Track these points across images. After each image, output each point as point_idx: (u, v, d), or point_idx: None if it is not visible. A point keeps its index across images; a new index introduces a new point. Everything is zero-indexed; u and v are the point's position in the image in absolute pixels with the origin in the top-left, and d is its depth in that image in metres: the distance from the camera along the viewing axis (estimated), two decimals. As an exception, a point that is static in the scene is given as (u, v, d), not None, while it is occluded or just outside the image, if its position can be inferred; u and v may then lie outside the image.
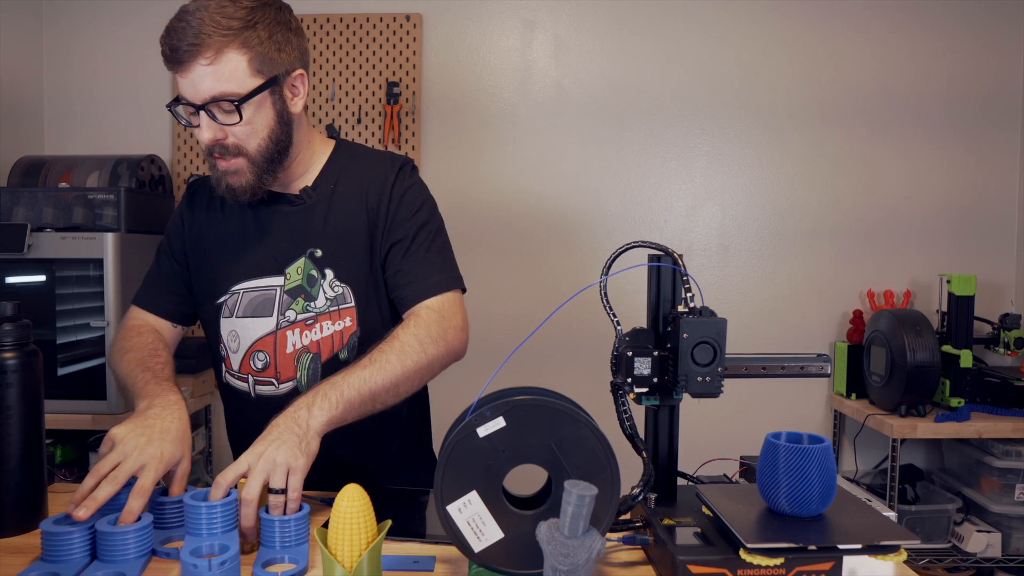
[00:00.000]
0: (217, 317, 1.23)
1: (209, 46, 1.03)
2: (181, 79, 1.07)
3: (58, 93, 2.62)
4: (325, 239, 1.19)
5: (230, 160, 1.11)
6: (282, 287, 1.19)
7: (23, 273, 2.10)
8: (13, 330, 0.98)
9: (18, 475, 0.97)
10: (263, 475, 0.92)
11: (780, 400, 2.55)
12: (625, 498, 0.87)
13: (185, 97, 1.08)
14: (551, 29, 2.56)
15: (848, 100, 2.53)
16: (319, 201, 1.20)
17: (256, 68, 1.07)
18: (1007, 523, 2.19)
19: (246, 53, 1.05)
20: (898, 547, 0.78)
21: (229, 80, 1.05)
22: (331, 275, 1.19)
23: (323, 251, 1.19)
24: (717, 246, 2.58)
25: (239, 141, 1.09)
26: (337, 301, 1.19)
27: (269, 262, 1.20)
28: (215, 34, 1.03)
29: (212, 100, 1.05)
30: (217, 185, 1.14)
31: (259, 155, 1.11)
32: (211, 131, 1.08)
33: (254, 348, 1.21)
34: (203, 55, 1.03)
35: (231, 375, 1.24)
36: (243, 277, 1.21)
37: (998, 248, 2.54)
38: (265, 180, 1.14)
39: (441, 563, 0.90)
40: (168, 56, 1.06)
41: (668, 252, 0.93)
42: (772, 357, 0.93)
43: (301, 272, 1.19)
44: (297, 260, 1.19)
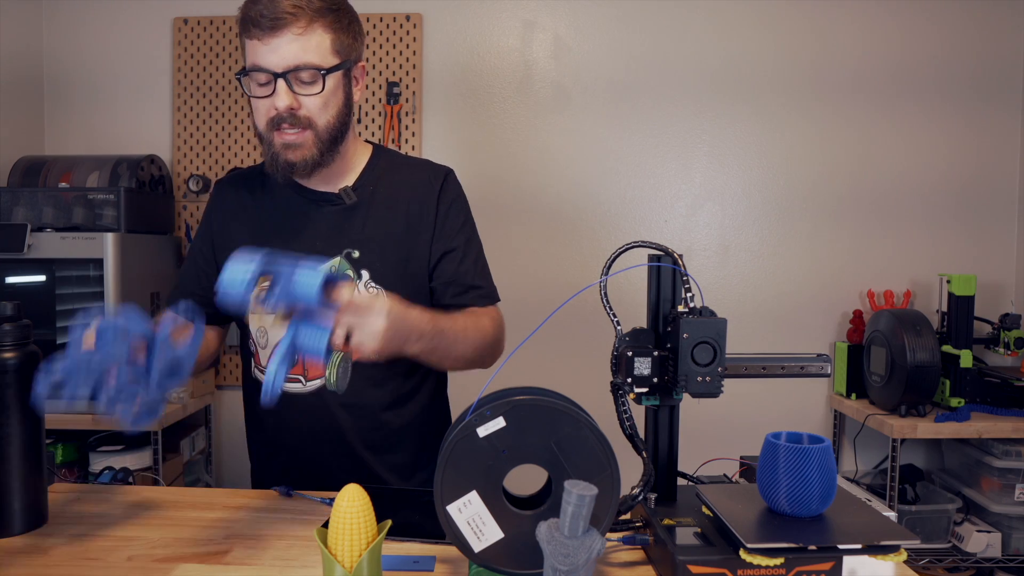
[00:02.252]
0: (247, 313, 1.23)
1: (301, 18, 1.08)
2: (263, 46, 1.09)
3: (58, 93, 2.62)
4: (363, 241, 1.20)
5: (298, 132, 1.12)
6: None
7: (23, 273, 2.10)
8: (13, 330, 0.98)
9: (18, 475, 0.97)
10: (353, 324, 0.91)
11: (780, 400, 2.55)
12: (625, 498, 0.87)
13: (263, 65, 1.09)
14: (551, 29, 2.56)
15: (849, 88, 2.53)
16: (359, 203, 1.22)
17: (336, 48, 1.12)
18: (1007, 523, 2.19)
19: (330, 33, 1.11)
20: (898, 547, 0.78)
21: (314, 53, 1.10)
22: (367, 276, 1.20)
23: (360, 252, 1.20)
24: (717, 246, 2.58)
25: (310, 113, 1.12)
26: None
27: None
28: (307, 8, 1.08)
29: (295, 68, 1.09)
30: (272, 163, 1.15)
31: (325, 131, 1.14)
32: (288, 98, 1.10)
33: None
34: (296, 25, 1.08)
35: (259, 370, 1.25)
36: None
37: (998, 244, 2.54)
38: (324, 159, 1.16)
39: (441, 563, 0.90)
40: (255, 22, 1.08)
41: (668, 252, 0.93)
42: (772, 357, 0.93)
43: (336, 271, 1.20)
44: (332, 259, 1.20)
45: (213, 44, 2.56)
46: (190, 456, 2.41)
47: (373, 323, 0.93)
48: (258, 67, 1.10)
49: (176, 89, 2.58)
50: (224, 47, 2.56)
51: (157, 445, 2.13)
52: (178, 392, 2.26)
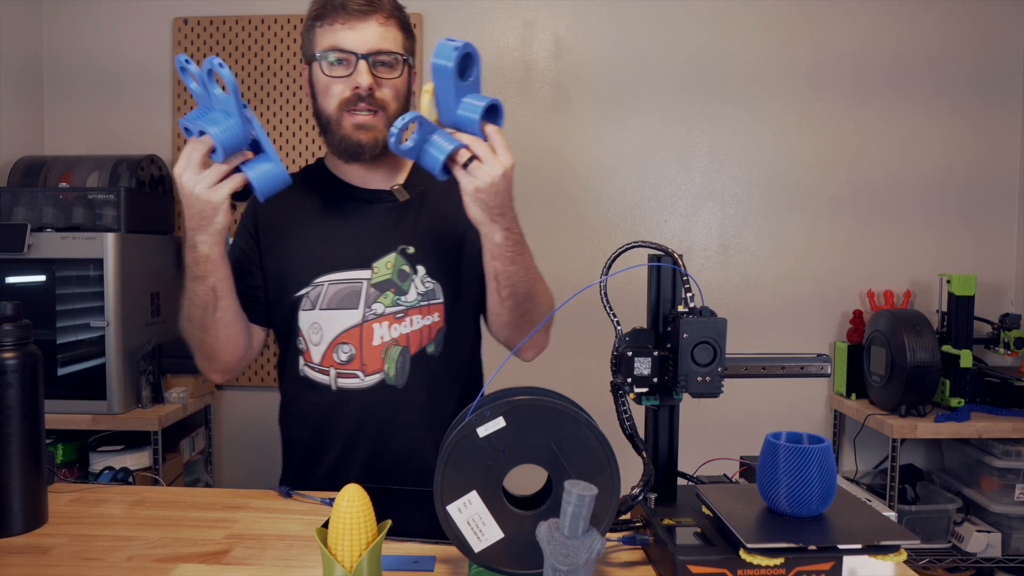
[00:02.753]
0: (296, 310, 1.23)
1: (383, 11, 1.17)
2: (346, 29, 1.14)
3: (58, 93, 2.62)
4: (418, 237, 1.23)
5: (371, 114, 1.17)
6: (369, 280, 1.21)
7: (23, 273, 2.10)
8: (13, 330, 0.98)
9: (18, 475, 0.97)
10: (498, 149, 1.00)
11: (780, 400, 2.55)
12: (625, 498, 0.87)
13: (346, 46, 1.15)
14: (551, 29, 2.56)
15: (847, 87, 2.53)
16: (411, 201, 1.25)
17: (404, 47, 1.21)
18: (1007, 523, 2.19)
19: (402, 33, 1.20)
20: (898, 547, 0.78)
21: (393, 43, 1.18)
22: (423, 271, 1.22)
23: (415, 248, 1.23)
24: (717, 246, 2.58)
25: (384, 97, 1.18)
26: (428, 296, 1.23)
27: (354, 256, 1.22)
28: (389, 4, 1.18)
29: (378, 52, 1.15)
30: (342, 143, 1.19)
31: (393, 116, 1.18)
32: (369, 78, 1.15)
33: (338, 340, 1.21)
34: (379, 15, 1.16)
35: (311, 367, 1.24)
36: (327, 270, 1.22)
37: (998, 243, 2.54)
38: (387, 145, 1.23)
39: (441, 563, 0.90)
40: (342, 6, 1.14)
41: (668, 252, 0.93)
42: (772, 357, 0.93)
43: (391, 267, 1.22)
44: (386, 255, 1.22)
45: (213, 44, 2.56)
46: (190, 456, 2.41)
47: (498, 163, 1.00)
48: (339, 48, 1.15)
49: (176, 89, 2.58)
50: (224, 47, 2.56)
51: (157, 445, 2.13)
52: (178, 392, 2.26)
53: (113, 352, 2.09)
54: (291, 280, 1.23)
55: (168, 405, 2.23)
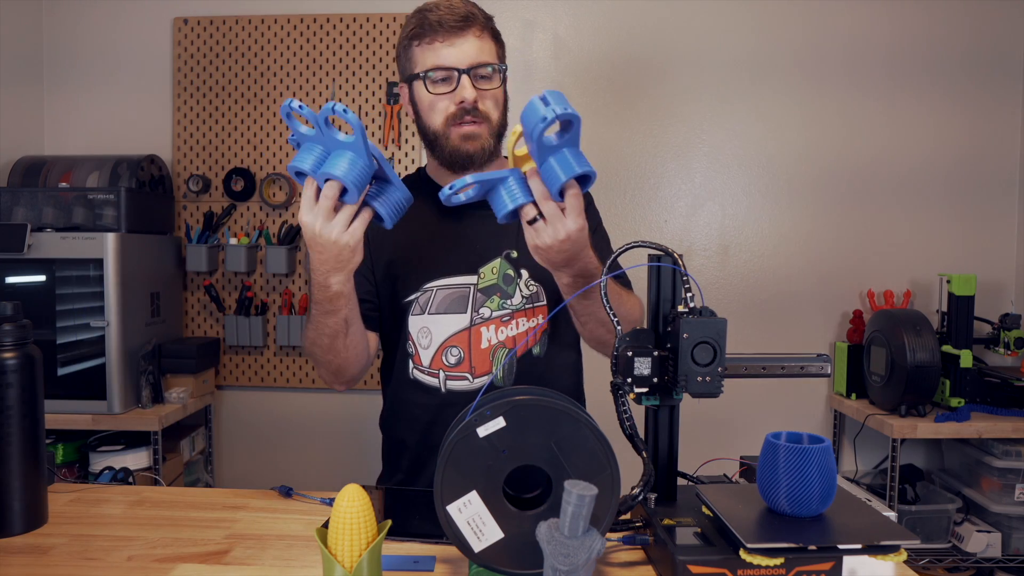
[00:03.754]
0: (405, 315, 1.27)
1: (477, 24, 1.20)
2: (445, 46, 1.18)
3: (58, 93, 2.62)
4: (520, 242, 1.24)
5: (476, 125, 1.21)
6: (475, 285, 1.25)
7: (23, 273, 2.10)
8: (13, 330, 0.98)
9: (18, 475, 0.97)
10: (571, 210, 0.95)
11: (780, 400, 2.55)
12: (625, 498, 0.87)
13: (446, 64, 1.18)
14: (551, 29, 2.56)
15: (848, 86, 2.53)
16: None
17: (499, 56, 1.26)
18: (1007, 523, 2.19)
19: (495, 43, 1.24)
20: (898, 547, 0.78)
21: (489, 54, 1.22)
22: (526, 275, 1.26)
23: (519, 252, 1.26)
24: (717, 246, 2.58)
25: (487, 108, 1.22)
26: (532, 299, 1.27)
27: (462, 262, 1.26)
28: (481, 16, 1.21)
29: (478, 65, 1.19)
30: (452, 155, 1.22)
31: (497, 126, 1.24)
32: (472, 91, 1.19)
33: (447, 344, 1.26)
34: (475, 29, 1.20)
35: (420, 370, 1.28)
36: (436, 276, 1.26)
37: (998, 243, 2.54)
38: (495, 151, 1.26)
39: (441, 563, 0.90)
40: (439, 24, 1.18)
41: (668, 252, 0.93)
42: (772, 357, 0.93)
43: (497, 272, 1.26)
44: (492, 260, 1.26)
45: (213, 44, 2.56)
46: (190, 456, 2.42)
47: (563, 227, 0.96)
48: (441, 66, 1.19)
49: (176, 89, 2.58)
50: (224, 47, 2.56)
51: (157, 445, 2.13)
52: (178, 392, 2.26)
53: (113, 352, 2.09)
54: (401, 286, 1.28)
55: (168, 405, 2.23)
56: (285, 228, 2.51)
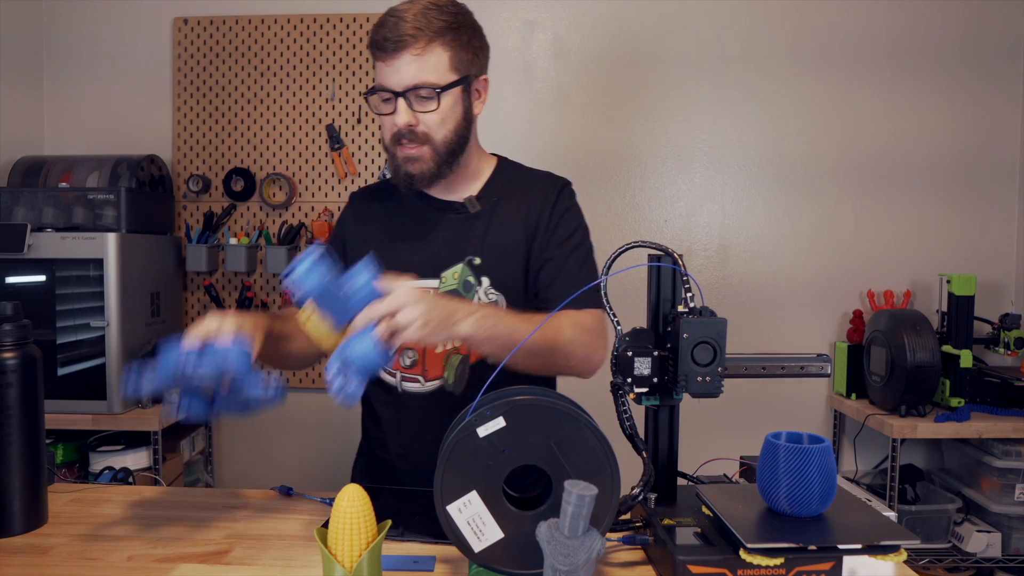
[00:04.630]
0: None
1: (420, 39, 1.14)
2: (385, 67, 1.16)
3: (58, 92, 2.61)
4: (484, 248, 1.24)
5: (416, 147, 1.19)
6: (436, 290, 1.24)
7: (23, 273, 2.10)
8: (13, 330, 0.98)
9: (18, 475, 0.97)
10: (396, 308, 0.93)
11: (780, 400, 2.55)
12: (625, 498, 0.87)
13: (386, 85, 1.16)
14: (551, 29, 2.56)
15: (849, 84, 2.53)
16: (482, 212, 1.27)
17: (454, 65, 1.17)
18: (1007, 523, 2.19)
19: (448, 51, 1.17)
20: (898, 547, 0.78)
21: (431, 72, 1.15)
22: (487, 283, 1.24)
23: (482, 259, 1.24)
24: (717, 246, 2.58)
25: (428, 130, 1.18)
26: None
27: (427, 265, 1.25)
28: (426, 29, 1.14)
29: (413, 87, 1.15)
30: (396, 175, 1.22)
31: (443, 145, 1.20)
32: (407, 116, 1.16)
33: (404, 345, 1.23)
34: (413, 47, 1.14)
35: (382, 369, 1.28)
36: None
37: (998, 243, 2.54)
38: (443, 171, 1.22)
39: (441, 563, 0.90)
40: (380, 46, 1.16)
41: (668, 252, 0.93)
42: (772, 357, 0.93)
43: (458, 277, 1.24)
44: (455, 265, 1.24)
45: (213, 44, 2.56)
46: (190, 456, 2.41)
47: (402, 303, 0.94)
48: (381, 87, 1.17)
49: (176, 89, 2.58)
50: (224, 47, 2.56)
51: (157, 445, 2.13)
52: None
53: (113, 352, 2.09)
54: None
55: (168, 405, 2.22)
56: (285, 228, 2.51)
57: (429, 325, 0.95)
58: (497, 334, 1.04)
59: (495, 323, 1.04)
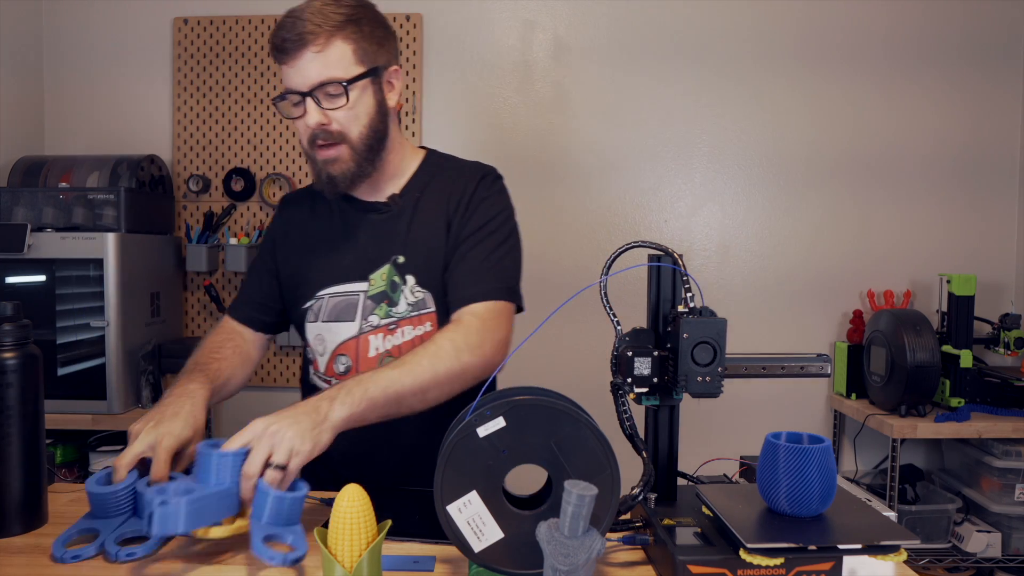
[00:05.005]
0: (304, 322, 1.29)
1: (318, 35, 1.11)
2: (289, 69, 1.13)
3: (58, 92, 2.61)
4: (408, 246, 1.22)
5: (332, 148, 1.16)
6: (365, 292, 1.23)
7: (23, 273, 2.10)
8: (13, 330, 0.98)
9: (18, 475, 0.97)
10: (267, 450, 0.91)
11: (780, 400, 2.55)
12: (625, 498, 0.87)
13: (292, 87, 1.14)
14: (551, 29, 2.56)
15: (850, 84, 2.53)
16: (405, 209, 1.24)
17: (359, 58, 1.15)
18: (1007, 523, 2.19)
19: (351, 44, 1.14)
20: (898, 547, 0.78)
21: (336, 67, 1.12)
22: (412, 281, 1.22)
23: (406, 257, 1.22)
24: (717, 246, 2.58)
25: (342, 127, 1.15)
26: (418, 306, 1.22)
27: (355, 268, 1.24)
28: (324, 25, 1.11)
29: (319, 85, 1.12)
30: (318, 179, 1.20)
31: (360, 142, 1.17)
32: (317, 115, 1.13)
33: (338, 351, 1.25)
34: (313, 44, 1.11)
35: (318, 377, 1.29)
36: (329, 283, 1.25)
37: (998, 243, 2.54)
38: (365, 169, 1.19)
39: (441, 563, 0.90)
40: (280, 47, 1.13)
41: (668, 252, 0.93)
42: (772, 357, 0.93)
43: (385, 278, 1.23)
44: (381, 266, 1.23)
45: (213, 44, 2.56)
46: (190, 456, 2.41)
47: (277, 445, 0.91)
48: (288, 90, 1.15)
49: (176, 89, 2.58)
50: (224, 47, 2.56)
51: (157, 445, 2.12)
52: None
53: (113, 352, 2.10)
54: (300, 293, 1.29)
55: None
56: (285, 228, 2.51)
57: (304, 438, 0.93)
58: (373, 397, 1.01)
59: (365, 389, 1.01)
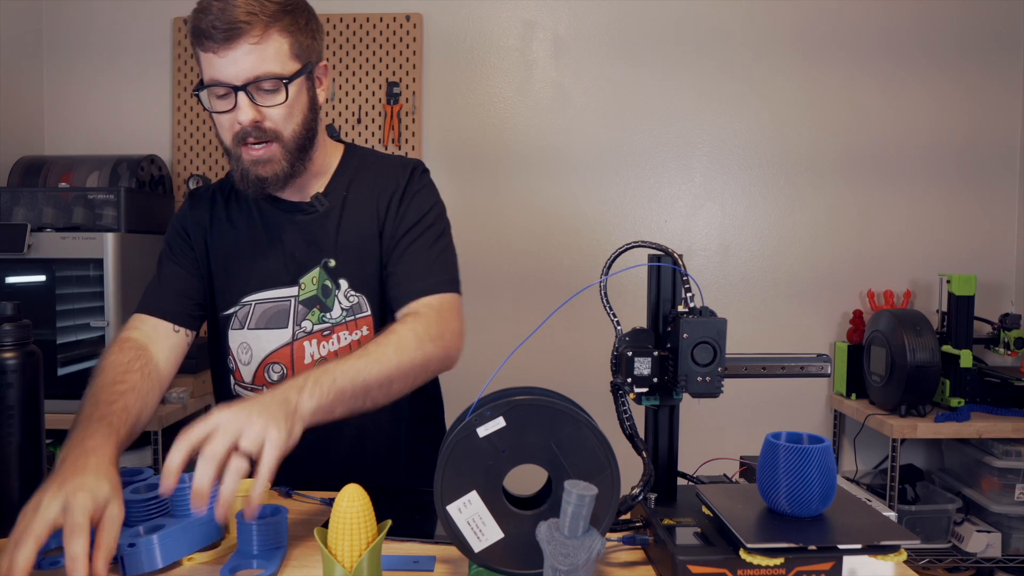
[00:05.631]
0: (225, 329, 1.21)
1: (256, 26, 1.02)
2: (219, 59, 1.03)
3: (58, 92, 2.62)
4: (338, 248, 1.17)
5: (263, 147, 1.08)
6: (296, 297, 1.17)
7: (23, 273, 2.10)
8: (13, 330, 0.98)
9: (18, 475, 0.97)
10: (233, 435, 0.80)
11: (780, 400, 2.55)
12: (625, 498, 0.87)
13: (222, 79, 1.04)
14: (551, 29, 2.56)
15: (851, 81, 2.53)
16: (331, 209, 1.18)
17: (295, 52, 1.07)
18: (1007, 523, 2.19)
19: (287, 37, 1.06)
20: (898, 547, 0.78)
21: (272, 61, 1.04)
22: (345, 285, 1.17)
23: (336, 261, 1.17)
24: (717, 246, 2.58)
25: (276, 126, 1.08)
26: (353, 311, 1.18)
27: (282, 273, 1.18)
28: (261, 14, 1.03)
29: (255, 80, 1.04)
30: (243, 179, 1.11)
31: (293, 141, 1.10)
32: (251, 112, 1.05)
33: (269, 360, 1.19)
34: (250, 35, 1.02)
35: (242, 387, 1.22)
36: (255, 289, 1.18)
37: (998, 242, 2.55)
38: (296, 169, 1.12)
39: (441, 563, 0.90)
40: (207, 34, 1.02)
41: (668, 252, 0.93)
42: (772, 357, 0.93)
43: (316, 282, 1.17)
44: (311, 270, 1.17)
45: (213, 44, 2.56)
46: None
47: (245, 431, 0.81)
48: (217, 81, 1.04)
49: (176, 89, 2.58)
50: (224, 47, 2.56)
51: (157, 445, 2.13)
52: (178, 392, 2.26)
53: (113, 352, 2.09)
54: (220, 299, 1.21)
55: (168, 405, 2.23)
56: (285, 228, 2.51)
57: (279, 428, 0.82)
58: (342, 387, 0.93)
59: (333, 379, 0.93)
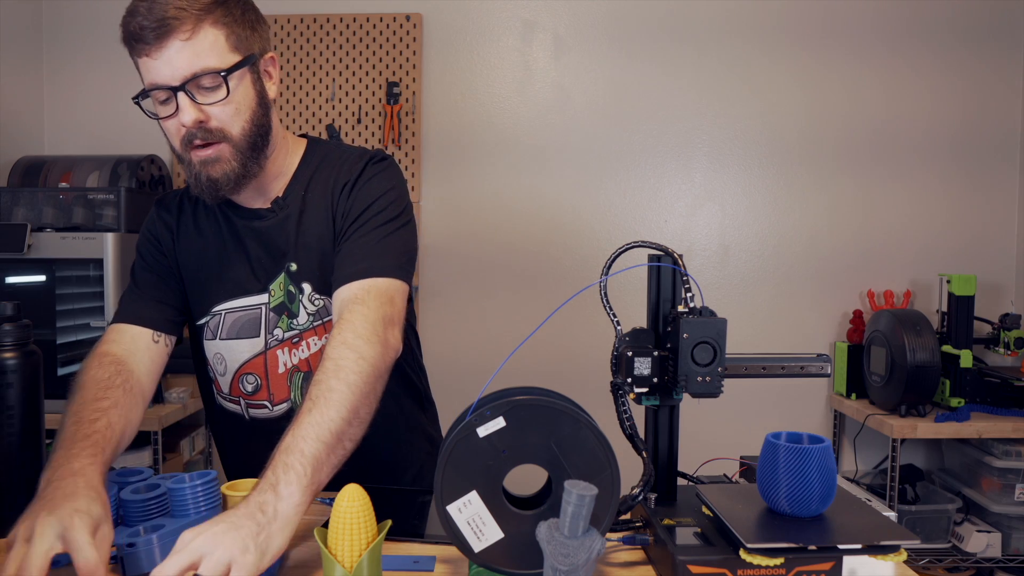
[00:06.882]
0: (200, 339, 1.18)
1: (185, 20, 0.97)
2: (153, 61, 0.98)
3: (58, 92, 2.61)
4: (299, 251, 1.11)
5: (212, 147, 1.02)
6: (267, 305, 1.13)
7: (23, 273, 2.10)
8: (13, 330, 0.98)
9: (18, 475, 0.97)
10: (193, 557, 0.73)
11: (780, 400, 2.55)
12: (625, 498, 0.87)
13: (158, 82, 0.99)
14: (551, 29, 2.56)
15: (852, 82, 2.53)
16: (291, 211, 1.12)
17: (233, 44, 1.02)
18: (1007, 523, 2.19)
19: (222, 28, 1.01)
20: (898, 547, 0.78)
21: (208, 55, 0.99)
22: (309, 289, 1.12)
23: (297, 264, 1.11)
24: (717, 246, 2.58)
25: (222, 124, 1.02)
26: (319, 315, 1.13)
27: (252, 280, 1.13)
28: (190, 8, 0.97)
29: (193, 77, 0.98)
30: (196, 184, 1.05)
31: (243, 139, 1.04)
32: (193, 112, 0.99)
33: (242, 371, 1.15)
34: (180, 31, 0.97)
35: (222, 397, 1.20)
36: (225, 297, 1.14)
37: (998, 242, 2.55)
38: (250, 168, 1.06)
39: (441, 563, 0.90)
40: (137, 36, 0.97)
41: (668, 252, 0.93)
42: (772, 357, 0.93)
43: (282, 288, 1.13)
44: (278, 276, 1.13)
45: (213, 44, 2.56)
46: (190, 456, 2.41)
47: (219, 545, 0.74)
48: (155, 84, 0.99)
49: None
50: (224, 47, 2.56)
51: (157, 445, 2.13)
52: (178, 392, 2.26)
53: (113, 352, 2.09)
54: (194, 308, 1.17)
55: (168, 405, 2.23)
56: (285, 228, 2.51)
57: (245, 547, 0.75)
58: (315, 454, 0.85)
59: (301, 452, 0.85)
